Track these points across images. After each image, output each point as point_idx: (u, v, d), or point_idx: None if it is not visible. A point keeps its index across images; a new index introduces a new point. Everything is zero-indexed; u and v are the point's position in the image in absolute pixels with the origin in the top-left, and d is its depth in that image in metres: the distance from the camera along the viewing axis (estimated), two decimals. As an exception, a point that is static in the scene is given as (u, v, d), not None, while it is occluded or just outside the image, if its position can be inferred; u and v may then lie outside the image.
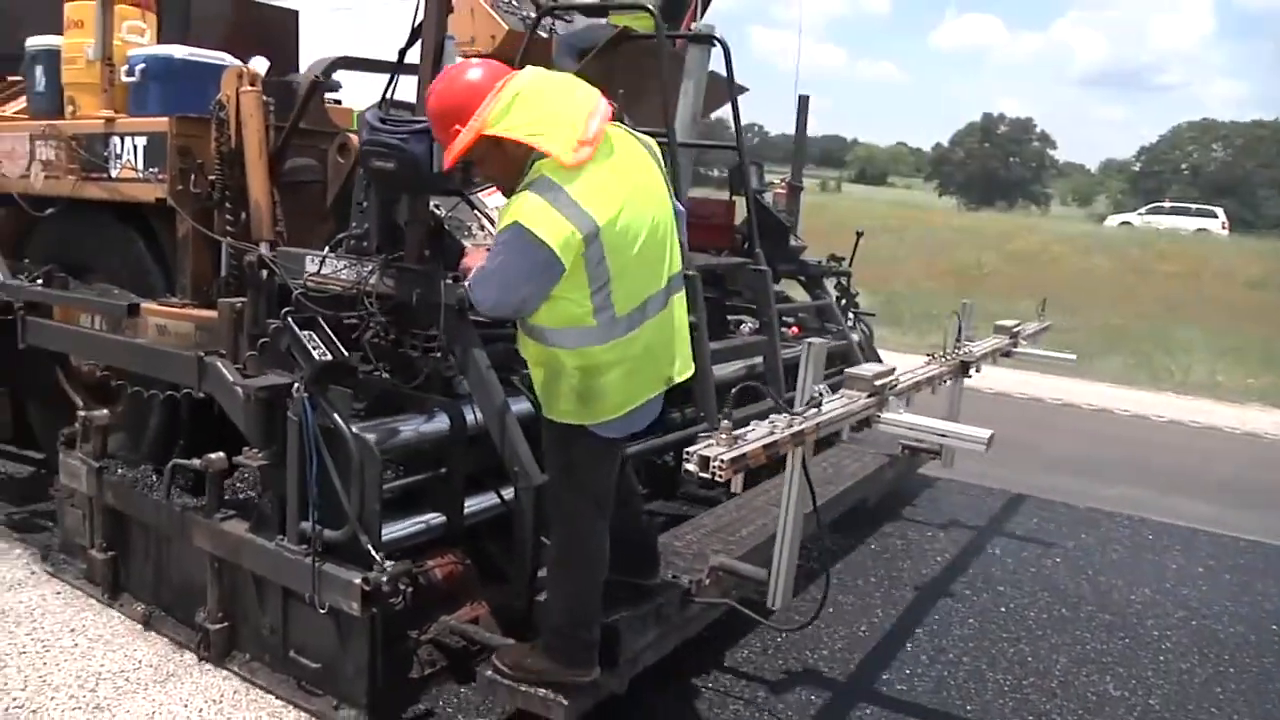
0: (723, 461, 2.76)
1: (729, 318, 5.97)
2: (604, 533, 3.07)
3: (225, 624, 3.68)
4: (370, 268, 3.65)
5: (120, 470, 4.13)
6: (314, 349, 3.36)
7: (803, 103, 7.37)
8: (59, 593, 4.18)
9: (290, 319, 3.46)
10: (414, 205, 3.62)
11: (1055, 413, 9.67)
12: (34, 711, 3.30)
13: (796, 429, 3.11)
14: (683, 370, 3.05)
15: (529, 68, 2.88)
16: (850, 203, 38.04)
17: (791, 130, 8.03)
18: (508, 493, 3.65)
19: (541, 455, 3.19)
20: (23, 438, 5.46)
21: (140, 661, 3.65)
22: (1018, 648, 4.22)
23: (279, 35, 5.65)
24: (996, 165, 72.27)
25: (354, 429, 3.27)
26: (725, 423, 2.92)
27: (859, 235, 6.98)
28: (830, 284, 6.69)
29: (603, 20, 5.64)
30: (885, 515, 5.82)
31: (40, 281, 4.72)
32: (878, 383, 3.48)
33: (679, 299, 3.03)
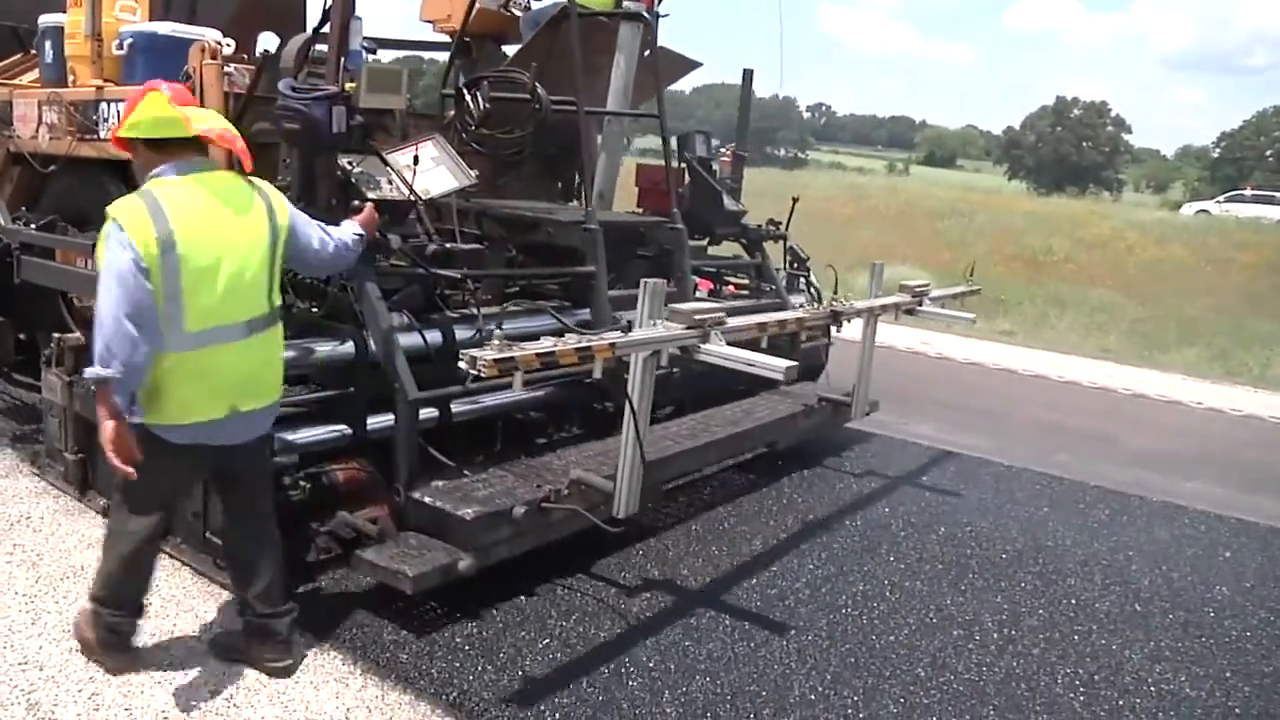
0: (486, 360, 3.19)
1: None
2: (140, 530, 3.28)
3: None
4: None
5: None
6: None
7: (747, 76, 7.74)
8: (134, 552, 4.26)
9: None
10: (321, 160, 4.21)
11: (1126, 403, 9.45)
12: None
13: (582, 345, 3.55)
14: (252, 404, 3.28)
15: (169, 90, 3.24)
16: (918, 185, 37.50)
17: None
18: None
19: None
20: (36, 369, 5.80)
21: (210, 625, 3.71)
22: (1089, 641, 4.13)
23: (287, 13, 6.08)
24: (1069, 150, 70.60)
25: None
26: (498, 331, 3.43)
27: (794, 200, 7.22)
28: (779, 248, 7.12)
29: None
30: (953, 503, 5.74)
31: (33, 227, 5.46)
32: (696, 317, 3.87)
33: (263, 339, 3.29)
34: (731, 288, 7.00)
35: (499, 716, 3.26)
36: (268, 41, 5.31)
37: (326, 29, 4.51)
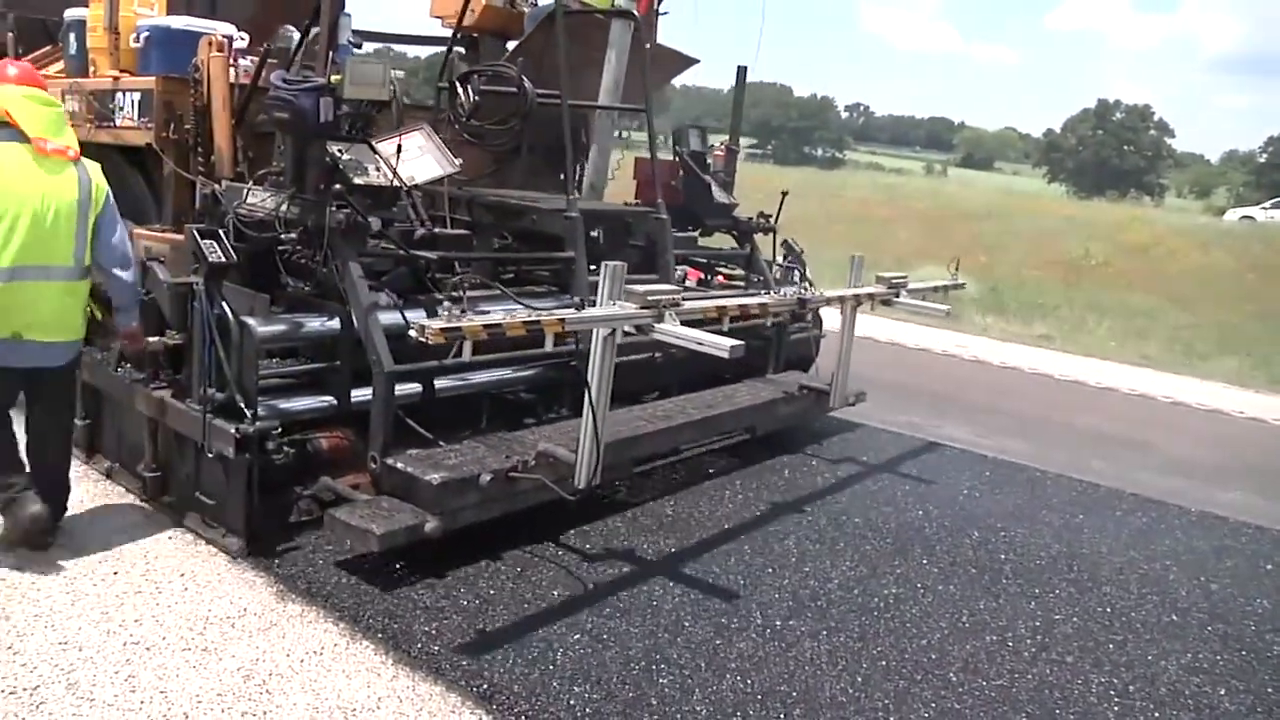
0: (434, 329, 3.41)
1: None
2: None
3: (158, 472, 4.62)
4: (282, 198, 4.52)
5: (95, 354, 4.94)
6: (210, 254, 4.17)
7: (740, 73, 7.88)
8: (170, 536, 4.33)
9: (195, 230, 4.28)
10: (311, 148, 4.47)
11: (1165, 410, 9.32)
12: (148, 649, 3.43)
13: (530, 319, 3.79)
14: (42, 336, 3.93)
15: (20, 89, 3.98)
16: (956, 187, 37.21)
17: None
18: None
19: None
20: None
21: (245, 609, 3.76)
22: (1124, 650, 4.08)
23: (309, 7, 6.12)
24: (1110, 153, 69.79)
25: (241, 317, 4.19)
26: (447, 303, 3.63)
27: (784, 195, 7.35)
28: (776, 241, 7.26)
29: None
30: (987, 507, 5.69)
31: None
32: (650, 298, 4.02)
33: (62, 286, 3.94)
34: (722, 278, 7.26)
35: (529, 710, 3.26)
36: (287, 34, 5.54)
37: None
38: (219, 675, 3.32)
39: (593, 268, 5.43)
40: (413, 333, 3.48)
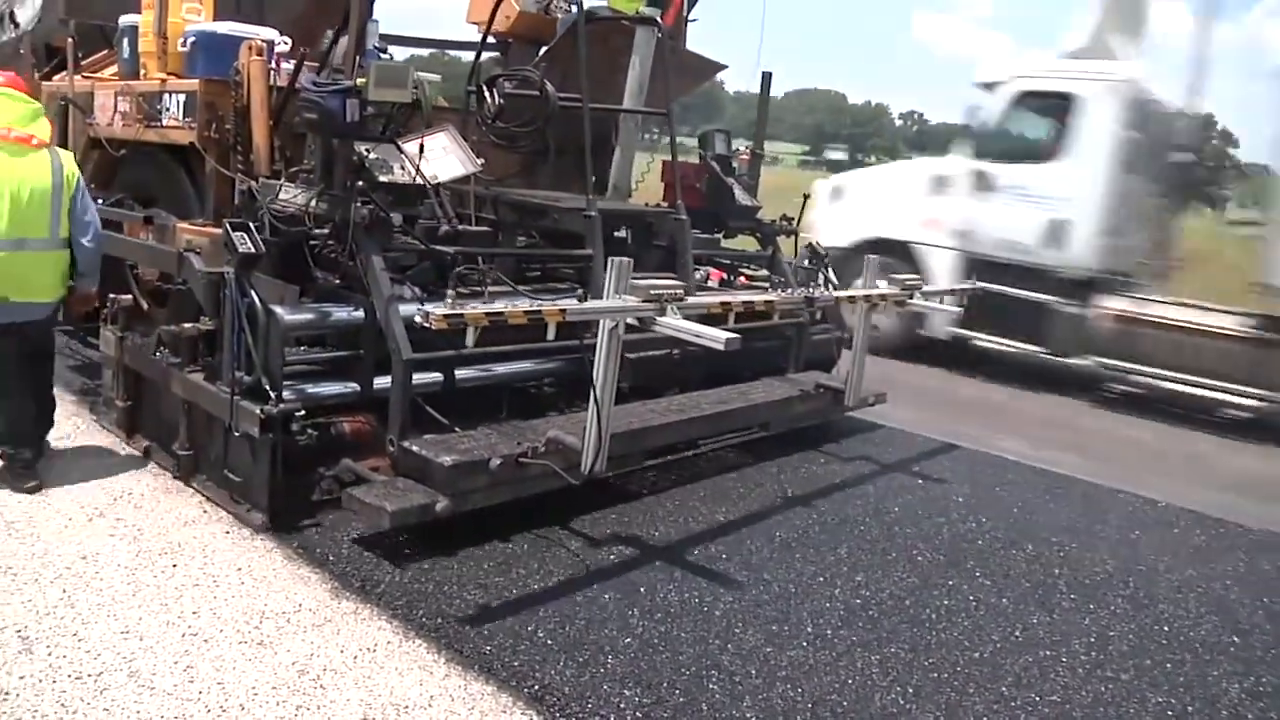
0: (437, 316, 3.61)
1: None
2: None
3: (191, 451, 4.84)
4: (312, 195, 4.74)
5: (137, 339, 5.20)
6: (240, 245, 4.36)
7: (765, 79, 8.04)
8: (228, 532, 4.40)
9: (228, 223, 4.46)
10: (338, 146, 4.72)
11: (1224, 426, 9.12)
12: (206, 641, 3.49)
13: (531, 309, 4.01)
14: (23, 297, 4.50)
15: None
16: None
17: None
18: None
19: None
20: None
21: (300, 605, 3.81)
22: (1182, 670, 4.00)
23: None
24: (1168, 162, 68.39)
25: (269, 306, 4.38)
26: (450, 293, 3.84)
27: (805, 197, 7.63)
28: (799, 244, 7.52)
29: (604, 1, 6.67)
30: (1041, 521, 5.61)
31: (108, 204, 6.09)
32: (652, 292, 4.15)
33: (39, 255, 4.49)
34: (744, 278, 7.40)
35: (580, 712, 3.27)
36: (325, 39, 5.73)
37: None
38: (274, 669, 3.37)
39: None
40: (418, 319, 3.65)
